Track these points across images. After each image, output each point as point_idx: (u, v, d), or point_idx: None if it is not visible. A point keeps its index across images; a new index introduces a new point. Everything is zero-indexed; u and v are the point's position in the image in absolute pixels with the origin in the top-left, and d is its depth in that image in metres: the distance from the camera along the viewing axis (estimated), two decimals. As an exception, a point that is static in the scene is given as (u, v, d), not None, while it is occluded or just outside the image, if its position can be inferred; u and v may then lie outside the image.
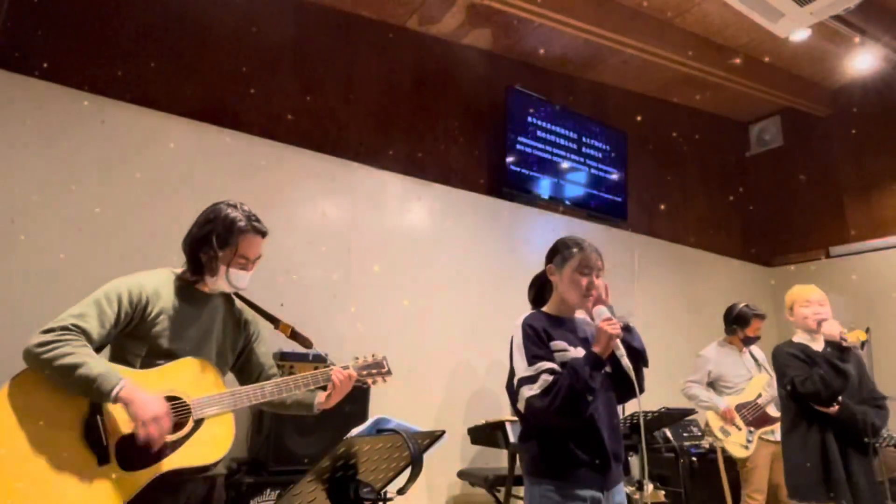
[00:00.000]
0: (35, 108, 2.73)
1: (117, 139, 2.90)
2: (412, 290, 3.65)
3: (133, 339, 1.51)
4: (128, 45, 3.09)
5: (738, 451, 3.26)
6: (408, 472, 1.39)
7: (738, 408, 3.33)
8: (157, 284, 1.57)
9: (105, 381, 1.34)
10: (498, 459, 3.55)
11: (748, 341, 3.52)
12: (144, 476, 1.38)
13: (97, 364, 1.37)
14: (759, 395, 3.33)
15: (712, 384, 3.51)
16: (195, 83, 3.26)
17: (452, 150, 4.19)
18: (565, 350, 1.69)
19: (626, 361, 1.62)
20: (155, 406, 1.38)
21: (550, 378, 1.59)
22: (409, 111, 4.05)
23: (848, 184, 5.29)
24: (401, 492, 1.38)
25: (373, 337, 3.38)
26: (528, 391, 1.60)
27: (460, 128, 4.27)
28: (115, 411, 1.41)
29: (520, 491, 3.23)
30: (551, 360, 1.65)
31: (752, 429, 3.26)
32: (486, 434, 3.12)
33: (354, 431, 1.40)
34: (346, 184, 3.59)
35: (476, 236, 4.02)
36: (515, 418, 3.10)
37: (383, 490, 1.47)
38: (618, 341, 1.64)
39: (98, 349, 1.48)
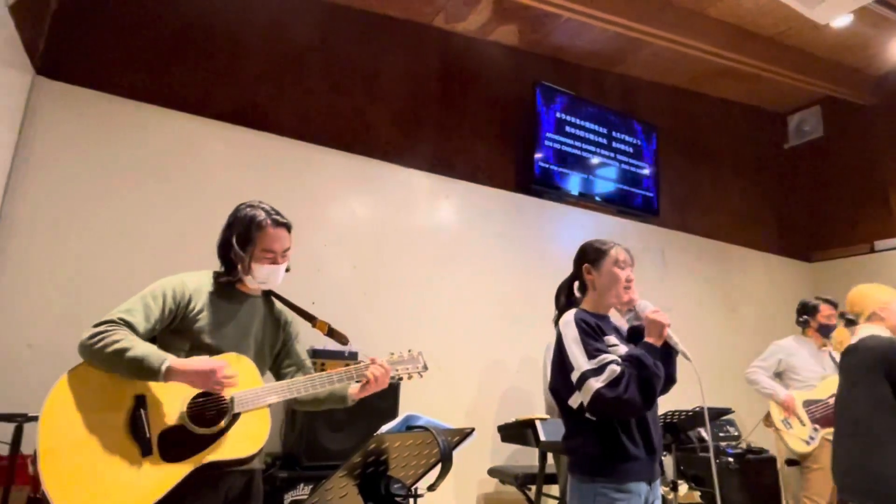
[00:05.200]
0: (76, 114, 2.83)
1: (154, 143, 2.99)
2: (441, 287, 3.66)
3: (177, 334, 1.58)
4: (164, 51, 3.18)
5: (798, 446, 3.13)
6: (438, 468, 1.40)
7: (806, 404, 3.20)
8: (199, 283, 1.64)
9: (152, 359, 1.42)
10: (529, 458, 3.54)
11: (824, 330, 3.34)
12: (184, 468, 1.43)
13: (143, 346, 1.45)
14: (832, 395, 3.18)
15: (780, 375, 3.38)
16: (227, 86, 3.33)
17: (480, 148, 4.18)
18: (616, 345, 1.71)
19: (682, 347, 1.67)
20: (206, 360, 1.48)
21: (618, 369, 1.60)
22: (436, 109, 4.05)
23: (893, 175, 5.07)
24: (431, 488, 1.39)
25: (402, 334, 3.41)
26: (595, 383, 1.60)
27: (488, 125, 4.25)
28: (158, 404, 1.47)
29: (551, 489, 3.21)
30: (609, 353, 1.66)
31: (816, 426, 3.12)
32: (516, 432, 3.11)
33: (384, 428, 1.41)
34: (375, 182, 3.62)
35: (505, 234, 4.00)
36: (547, 416, 3.08)
37: (414, 486, 1.48)
38: (669, 331, 1.68)
39: None
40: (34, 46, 2.74)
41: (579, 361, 1.65)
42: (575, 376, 1.65)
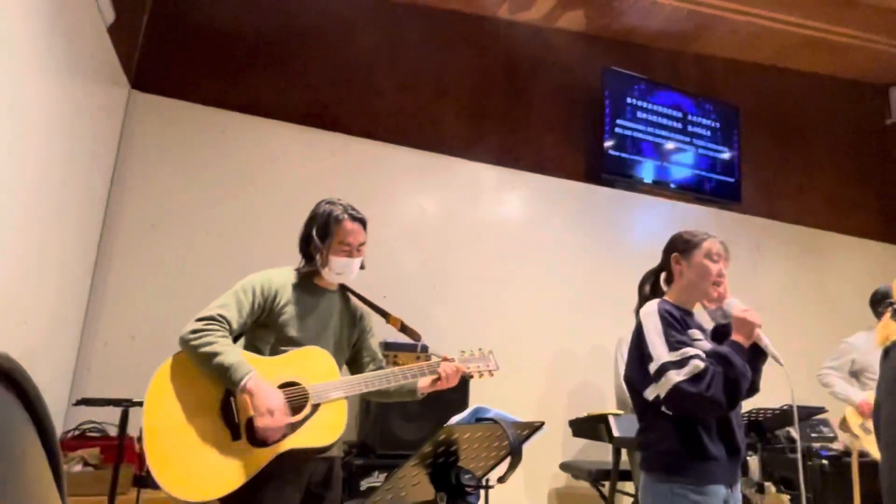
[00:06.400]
0: (167, 124, 3.06)
1: (236, 146, 3.18)
2: (510, 279, 3.65)
3: (264, 328, 1.69)
4: (241, 60, 3.37)
5: (878, 453, 2.88)
6: (508, 461, 1.40)
7: None
8: (283, 279, 1.74)
9: (236, 371, 1.51)
10: (599, 452, 3.46)
11: None
12: (269, 453, 1.53)
13: (232, 355, 1.54)
14: None
15: (856, 375, 3.11)
16: (300, 90, 3.48)
17: (547, 138, 4.11)
18: (700, 339, 1.63)
19: (773, 350, 1.58)
20: (272, 400, 1.52)
21: (702, 364, 1.53)
22: (502, 101, 4.03)
23: None
24: (501, 480, 1.40)
25: (471, 326, 3.43)
26: (676, 376, 1.53)
27: (555, 114, 4.17)
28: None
29: (625, 486, 3.13)
30: (692, 346, 1.58)
31: None
32: (588, 426, 3.05)
33: (454, 419, 1.43)
34: (442, 177, 3.65)
35: (574, 224, 3.93)
36: (620, 412, 3.00)
37: (484, 477, 1.50)
38: (759, 331, 1.59)
39: (237, 336, 1.66)
40: (129, 62, 2.98)
41: (660, 352, 1.58)
42: (654, 367, 1.58)
